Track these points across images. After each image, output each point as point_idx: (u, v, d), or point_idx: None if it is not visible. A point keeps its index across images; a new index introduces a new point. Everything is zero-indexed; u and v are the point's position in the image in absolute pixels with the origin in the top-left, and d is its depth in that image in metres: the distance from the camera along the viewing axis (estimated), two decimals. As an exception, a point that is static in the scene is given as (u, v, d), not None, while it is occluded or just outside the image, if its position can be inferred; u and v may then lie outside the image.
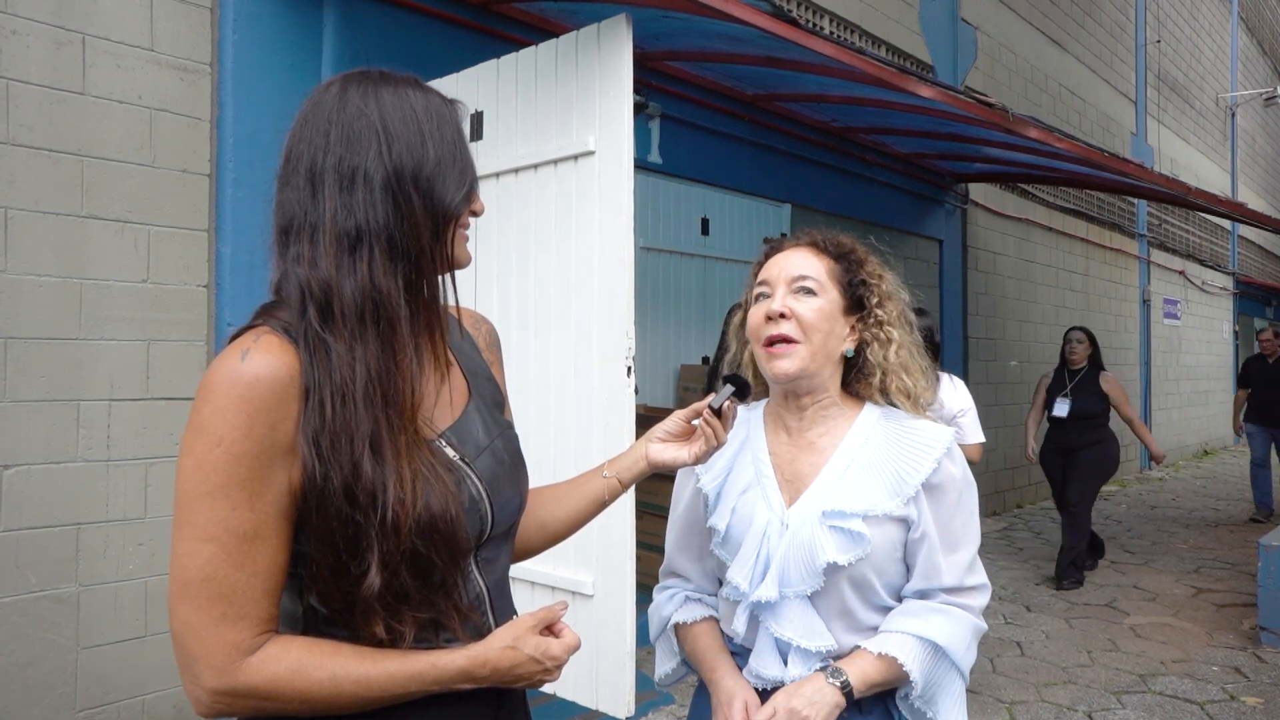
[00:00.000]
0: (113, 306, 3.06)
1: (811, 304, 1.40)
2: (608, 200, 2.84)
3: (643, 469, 1.34)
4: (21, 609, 2.85)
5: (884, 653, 1.32)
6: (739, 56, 4.62)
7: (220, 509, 0.93)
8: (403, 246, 1.02)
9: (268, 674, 0.94)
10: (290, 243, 1.02)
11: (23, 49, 2.88)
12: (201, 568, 0.93)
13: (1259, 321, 17.61)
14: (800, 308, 1.39)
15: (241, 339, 0.98)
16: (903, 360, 1.45)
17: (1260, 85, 17.74)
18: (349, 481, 0.95)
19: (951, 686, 1.37)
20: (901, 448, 1.39)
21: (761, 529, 1.38)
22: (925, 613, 1.36)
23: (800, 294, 1.40)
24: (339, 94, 1.04)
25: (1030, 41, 9.01)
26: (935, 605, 1.37)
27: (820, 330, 1.39)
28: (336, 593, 0.98)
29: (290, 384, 0.95)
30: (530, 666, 1.06)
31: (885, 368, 1.44)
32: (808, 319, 1.39)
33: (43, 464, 2.90)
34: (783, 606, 1.35)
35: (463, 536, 1.03)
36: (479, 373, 1.20)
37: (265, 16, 3.38)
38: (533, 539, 1.31)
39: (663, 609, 1.57)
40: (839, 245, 1.48)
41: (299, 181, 1.02)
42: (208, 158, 3.29)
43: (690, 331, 6.97)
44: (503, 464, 1.13)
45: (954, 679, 1.37)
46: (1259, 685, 4.16)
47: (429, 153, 1.03)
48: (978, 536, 1.41)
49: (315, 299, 0.98)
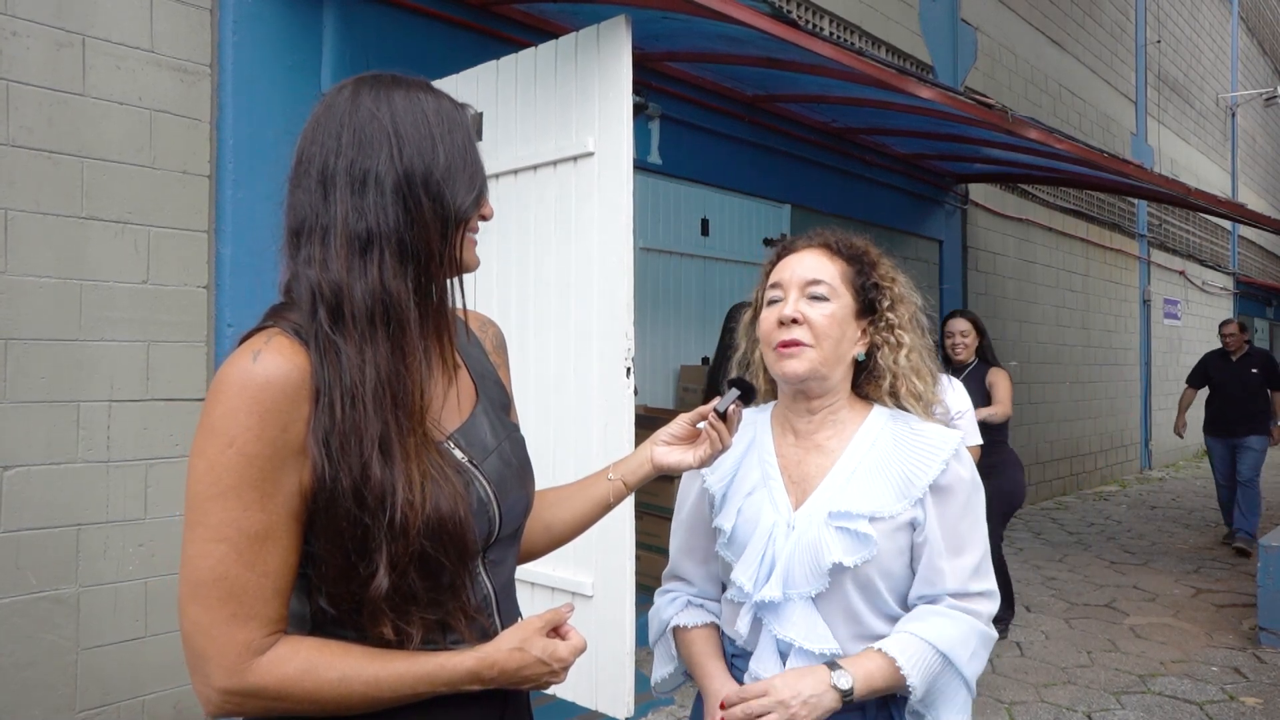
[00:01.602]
0: (113, 307, 3.06)
1: (824, 309, 1.39)
2: (607, 201, 2.84)
3: (648, 472, 1.35)
4: (22, 609, 2.85)
5: (885, 652, 1.30)
6: (739, 57, 4.62)
7: (232, 509, 0.93)
8: (413, 249, 1.02)
9: (278, 674, 0.95)
10: (301, 244, 1.02)
11: (23, 50, 2.89)
12: (213, 568, 0.93)
13: (1258, 321, 17.61)
14: (812, 313, 1.39)
15: (253, 340, 0.98)
16: (914, 364, 1.44)
17: (1260, 85, 17.73)
18: (358, 483, 0.96)
19: (955, 695, 1.33)
20: (909, 450, 1.38)
21: (768, 530, 1.38)
22: (930, 616, 1.34)
23: (813, 299, 1.40)
24: (351, 97, 1.04)
25: (1030, 42, 9.01)
26: (940, 609, 1.34)
27: (832, 336, 1.39)
28: (345, 593, 0.99)
29: (301, 385, 0.96)
30: (537, 668, 1.06)
31: (895, 371, 1.44)
32: (820, 325, 1.38)
33: (43, 465, 2.91)
34: (786, 608, 1.34)
35: (471, 538, 1.03)
36: (486, 375, 1.21)
37: (265, 18, 3.38)
38: (538, 541, 1.32)
39: (663, 612, 1.56)
40: (852, 247, 1.47)
41: (311, 184, 1.02)
42: (207, 159, 3.29)
43: (690, 332, 6.97)
44: (510, 466, 1.14)
45: (957, 687, 1.33)
46: (1258, 685, 4.16)
47: (440, 157, 1.04)
48: (985, 541, 1.39)
49: (326, 301, 0.99)
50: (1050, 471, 9.52)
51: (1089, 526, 8.07)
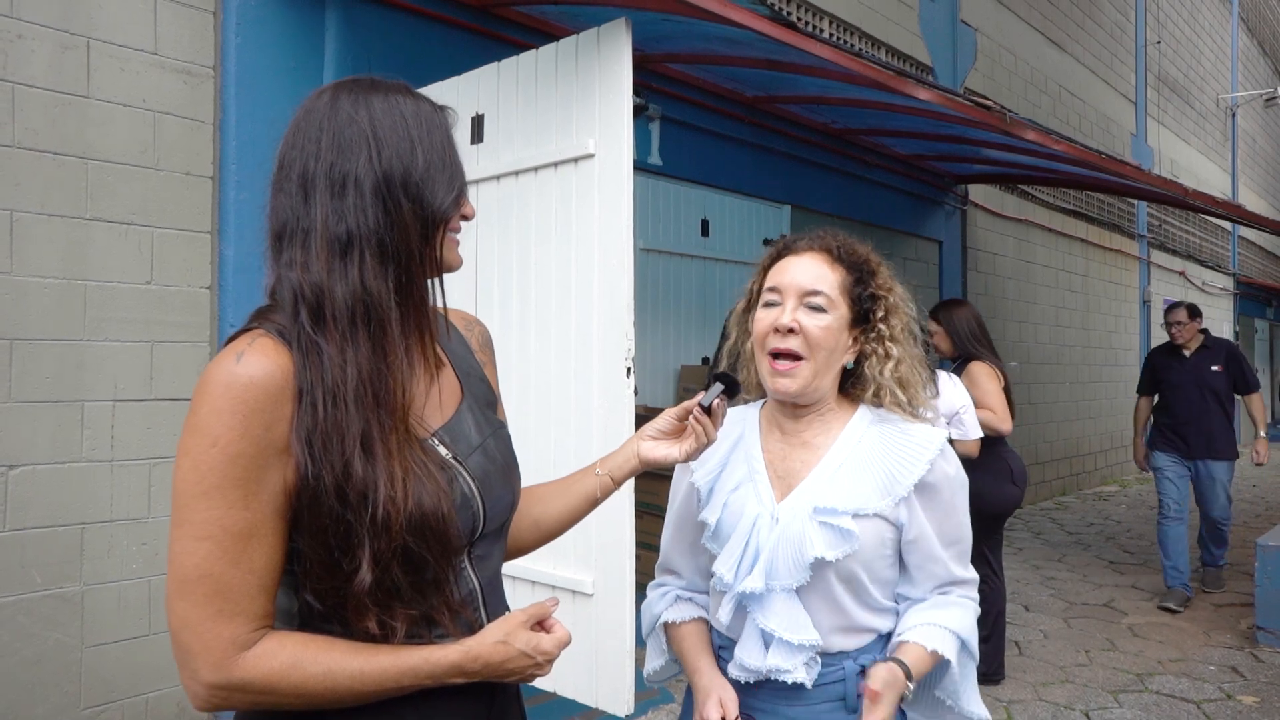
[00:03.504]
0: (116, 308, 3.08)
1: (821, 321, 1.40)
2: (607, 203, 2.86)
3: (634, 466, 1.36)
4: (27, 608, 2.87)
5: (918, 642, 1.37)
6: (739, 59, 4.64)
7: (216, 508, 0.95)
8: (393, 250, 1.04)
9: (264, 669, 0.96)
10: (284, 248, 1.04)
11: (28, 53, 2.91)
12: (198, 565, 0.95)
13: (1258, 322, 17.60)
14: (809, 323, 1.40)
15: (236, 342, 1.00)
16: (900, 376, 1.46)
17: (1260, 86, 17.74)
18: (340, 480, 0.97)
19: (969, 676, 1.44)
20: (895, 448, 1.41)
21: (751, 521, 1.41)
22: (947, 606, 1.42)
23: (810, 309, 1.41)
24: (330, 102, 1.06)
25: (1030, 43, 9.03)
26: (952, 599, 1.43)
27: (825, 348, 1.41)
28: (330, 589, 1.00)
29: (284, 385, 0.97)
30: (521, 661, 1.08)
31: (880, 383, 1.45)
32: (816, 336, 1.40)
33: (47, 464, 2.93)
34: (769, 599, 1.37)
35: (454, 534, 1.05)
36: (472, 373, 1.22)
37: (268, 20, 3.40)
38: (526, 536, 1.34)
39: (654, 607, 1.60)
40: (853, 254, 1.47)
41: (291, 188, 1.04)
42: (210, 160, 3.31)
43: (690, 332, 6.99)
44: (495, 462, 1.15)
45: (971, 669, 1.44)
46: (1255, 684, 4.18)
47: (418, 158, 1.06)
48: (969, 529, 1.46)
49: (307, 302, 1.00)
50: (1050, 471, 9.54)
51: (1089, 526, 8.08)
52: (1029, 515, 8.57)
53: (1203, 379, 5.47)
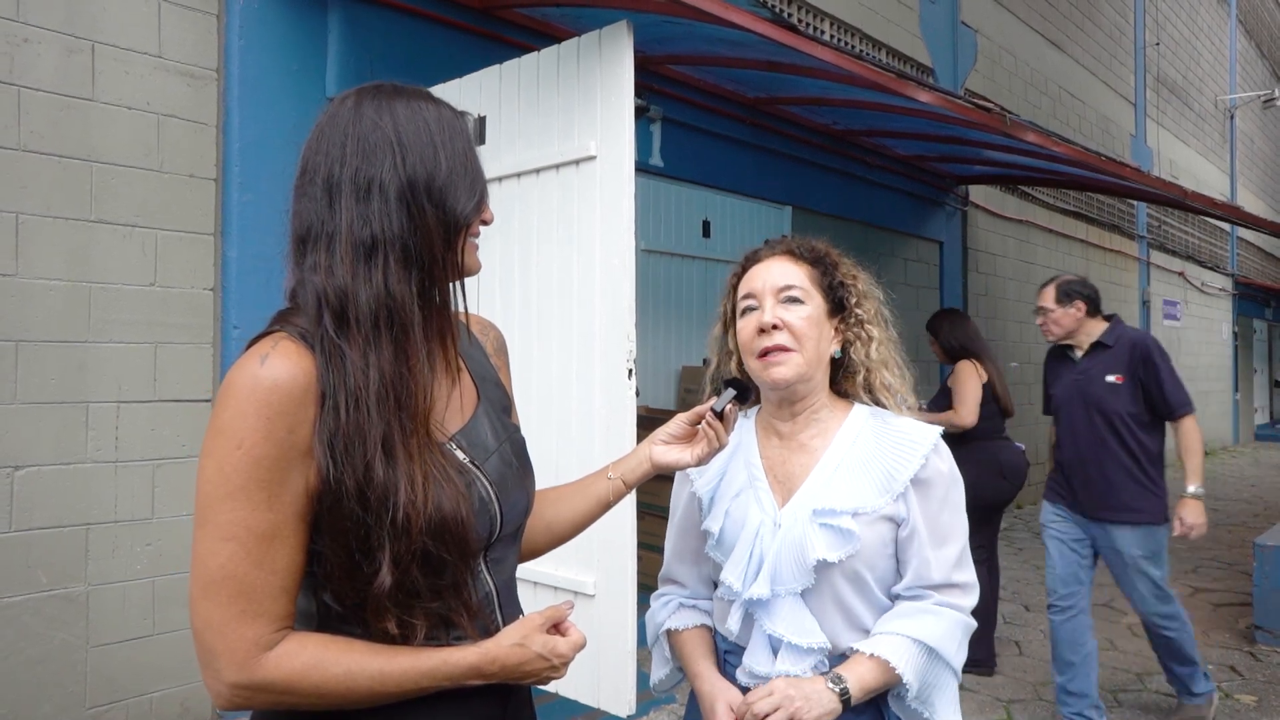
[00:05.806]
0: (121, 309, 3.10)
1: (800, 312, 1.44)
2: (609, 204, 2.87)
3: (646, 470, 1.38)
4: (33, 608, 2.89)
5: (876, 654, 1.34)
6: (740, 61, 4.66)
7: (240, 509, 0.96)
8: (416, 255, 1.05)
9: (285, 669, 0.98)
10: (307, 251, 1.05)
11: (33, 56, 2.92)
12: (222, 566, 0.96)
13: (1256, 322, 17.61)
14: (790, 317, 1.43)
15: (260, 345, 1.00)
16: (883, 356, 1.50)
17: (1259, 87, 17.76)
18: (361, 483, 0.98)
19: (946, 686, 1.39)
20: (890, 446, 1.43)
21: (754, 529, 1.42)
22: (916, 614, 1.38)
23: (788, 303, 1.44)
24: (354, 107, 1.07)
25: (1030, 44, 9.05)
26: (926, 606, 1.39)
27: (811, 337, 1.43)
28: (350, 590, 1.01)
29: (308, 388, 0.98)
30: (538, 664, 1.09)
31: (868, 365, 1.49)
32: (799, 327, 1.42)
33: (52, 465, 2.94)
34: (775, 604, 1.38)
35: (473, 537, 1.06)
36: (487, 378, 1.24)
37: (271, 23, 3.42)
38: (539, 539, 1.35)
39: (657, 616, 1.60)
40: (814, 250, 1.52)
41: (316, 192, 1.05)
42: (214, 162, 3.33)
43: (692, 333, 7.00)
44: (510, 466, 1.17)
45: (948, 679, 1.39)
46: (1254, 683, 4.19)
47: (441, 164, 1.07)
48: (965, 531, 1.44)
49: (331, 306, 1.01)
50: (1050, 472, 9.54)
51: (1088, 527, 8.07)
52: (1029, 515, 8.57)
53: (1090, 395, 3.43)
